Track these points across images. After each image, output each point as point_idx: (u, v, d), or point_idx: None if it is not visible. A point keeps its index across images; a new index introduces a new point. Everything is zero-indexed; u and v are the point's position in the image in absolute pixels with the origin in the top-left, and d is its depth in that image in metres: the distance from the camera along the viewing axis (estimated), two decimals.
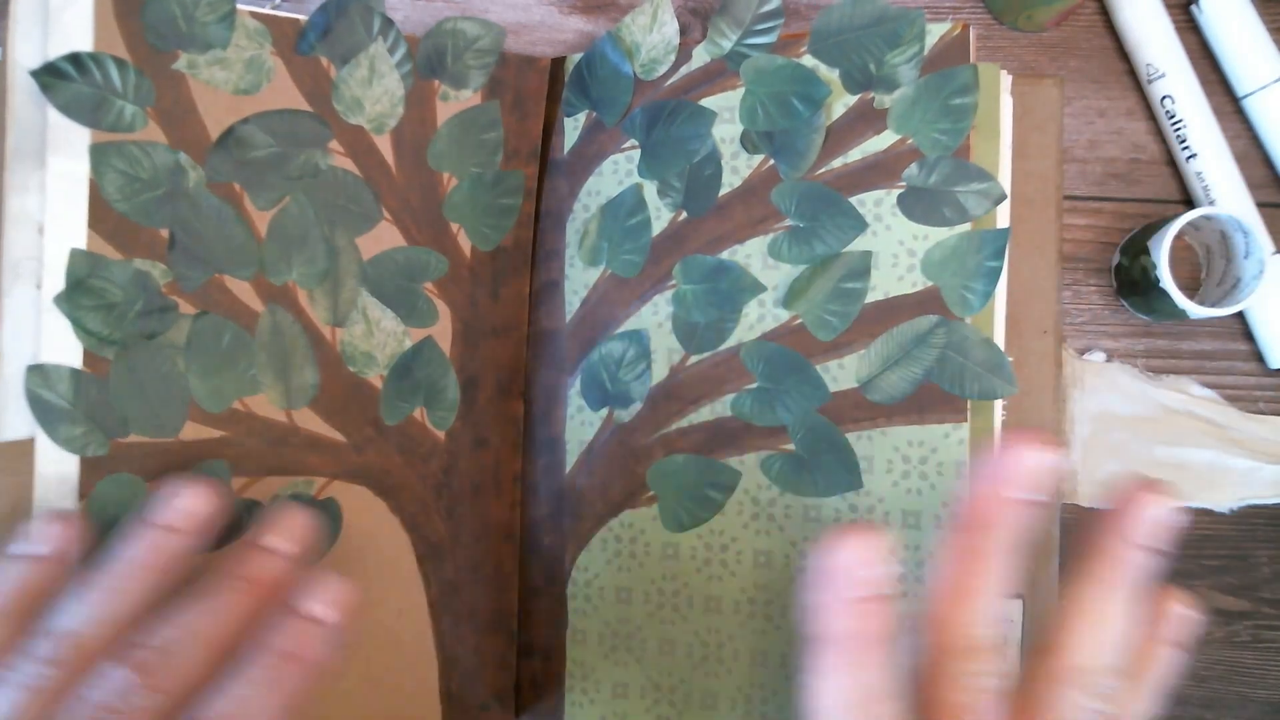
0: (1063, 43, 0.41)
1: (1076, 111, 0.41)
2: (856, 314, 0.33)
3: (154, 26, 0.31)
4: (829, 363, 0.33)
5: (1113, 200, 0.41)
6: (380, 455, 0.34)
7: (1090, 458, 0.40)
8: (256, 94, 0.33)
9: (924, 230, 0.33)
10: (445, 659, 0.35)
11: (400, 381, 0.35)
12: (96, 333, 0.30)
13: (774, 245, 0.34)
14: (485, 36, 0.36)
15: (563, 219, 0.38)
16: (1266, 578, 0.40)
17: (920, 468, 0.32)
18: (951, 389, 0.32)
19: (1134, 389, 0.40)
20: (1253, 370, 0.40)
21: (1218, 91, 0.40)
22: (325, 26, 0.34)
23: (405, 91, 0.35)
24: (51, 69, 0.29)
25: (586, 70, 0.37)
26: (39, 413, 0.29)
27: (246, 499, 0.32)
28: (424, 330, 0.35)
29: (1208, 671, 0.40)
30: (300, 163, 0.33)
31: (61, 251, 0.30)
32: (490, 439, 0.37)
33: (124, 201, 0.30)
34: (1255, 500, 0.39)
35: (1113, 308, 0.41)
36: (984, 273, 0.32)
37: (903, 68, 0.33)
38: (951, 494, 0.32)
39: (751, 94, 0.35)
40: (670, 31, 0.36)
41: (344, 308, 0.34)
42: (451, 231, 0.36)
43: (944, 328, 0.32)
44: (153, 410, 0.31)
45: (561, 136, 0.38)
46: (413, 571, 0.35)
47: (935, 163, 0.33)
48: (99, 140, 0.30)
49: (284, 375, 0.33)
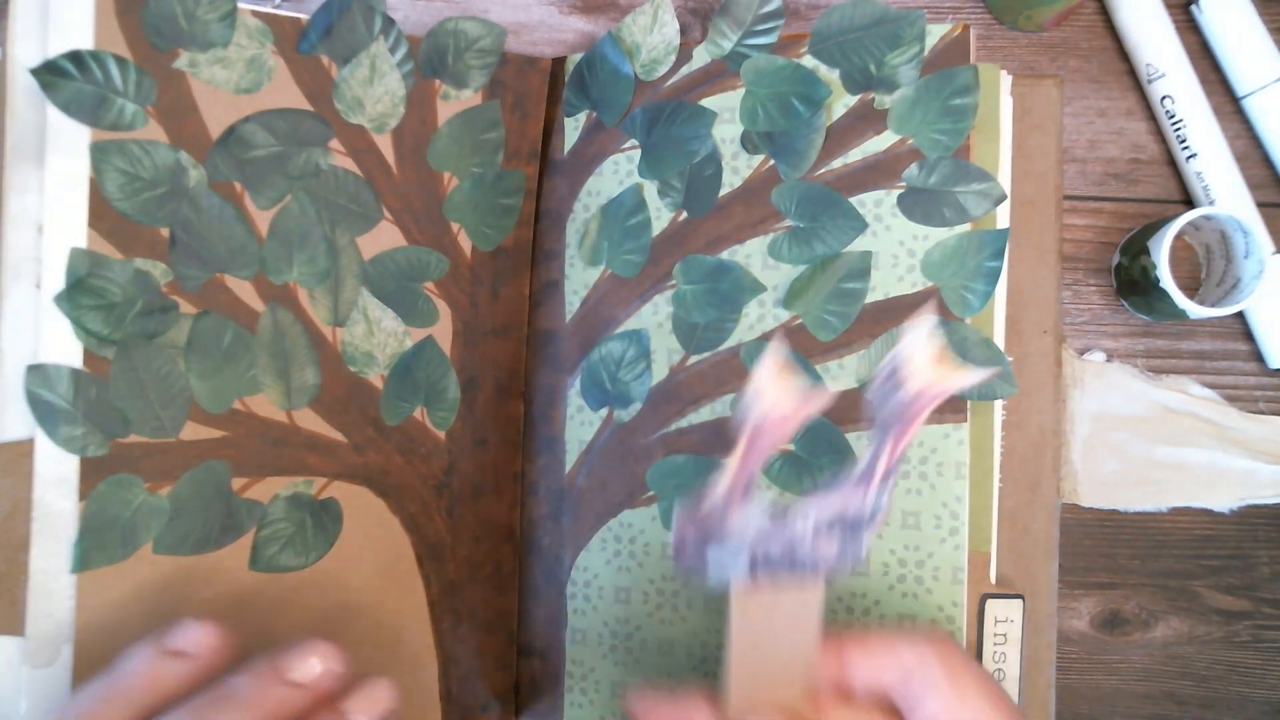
0: (1063, 43, 0.41)
1: (1076, 111, 0.41)
2: (856, 314, 0.33)
3: (155, 25, 0.31)
4: (829, 363, 0.33)
5: (1113, 200, 0.41)
6: (380, 455, 0.34)
7: (1090, 458, 0.40)
8: (257, 93, 0.33)
9: (924, 230, 0.33)
10: (445, 659, 0.35)
11: (401, 381, 0.35)
12: (96, 332, 0.30)
13: (774, 245, 0.34)
14: (486, 36, 0.36)
15: (563, 219, 0.38)
16: (1266, 578, 0.40)
17: (920, 468, 0.32)
18: None
19: (1134, 389, 0.40)
20: (1253, 370, 0.40)
21: (1218, 91, 0.40)
22: (326, 26, 0.34)
23: (406, 91, 0.35)
24: (52, 67, 0.29)
25: (587, 70, 0.37)
26: (39, 413, 0.29)
27: (247, 499, 0.32)
28: (424, 330, 0.35)
29: (1208, 671, 0.40)
30: (301, 162, 0.33)
31: (61, 251, 0.30)
32: (490, 439, 0.37)
33: (124, 200, 0.30)
34: (1255, 500, 0.39)
35: (1113, 308, 0.41)
36: (984, 273, 0.32)
37: (903, 68, 0.33)
38: (951, 494, 0.32)
39: (752, 94, 0.35)
40: (670, 32, 0.36)
41: (344, 307, 0.34)
42: (452, 231, 0.36)
43: (944, 328, 0.32)
44: (153, 410, 0.31)
45: (562, 136, 0.38)
46: (413, 571, 0.35)
47: (935, 163, 0.33)
48: (99, 139, 0.30)
49: (284, 375, 0.33)
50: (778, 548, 0.25)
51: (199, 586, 0.31)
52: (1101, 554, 0.40)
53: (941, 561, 0.32)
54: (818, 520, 0.25)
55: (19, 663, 0.29)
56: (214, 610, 0.31)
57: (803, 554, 0.25)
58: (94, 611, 0.30)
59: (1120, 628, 0.40)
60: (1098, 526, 0.40)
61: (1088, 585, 0.40)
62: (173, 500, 0.31)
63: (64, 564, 0.29)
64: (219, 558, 0.31)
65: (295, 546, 0.33)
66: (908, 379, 0.24)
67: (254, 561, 0.32)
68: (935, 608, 0.32)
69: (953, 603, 0.32)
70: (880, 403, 0.25)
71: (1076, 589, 0.40)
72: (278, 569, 0.32)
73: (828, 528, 0.25)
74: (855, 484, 0.25)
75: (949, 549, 0.32)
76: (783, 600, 0.25)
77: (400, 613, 0.35)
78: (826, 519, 0.25)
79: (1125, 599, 0.40)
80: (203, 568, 0.31)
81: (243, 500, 0.32)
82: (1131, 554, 0.40)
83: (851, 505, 0.25)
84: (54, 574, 0.29)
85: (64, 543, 0.29)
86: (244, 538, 0.32)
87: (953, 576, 0.32)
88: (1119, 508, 0.40)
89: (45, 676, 0.29)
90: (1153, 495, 0.40)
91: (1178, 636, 0.40)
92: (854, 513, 0.25)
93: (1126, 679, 0.40)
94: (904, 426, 0.25)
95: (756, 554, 0.25)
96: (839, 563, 0.25)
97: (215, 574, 0.31)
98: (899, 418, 0.25)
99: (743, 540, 0.25)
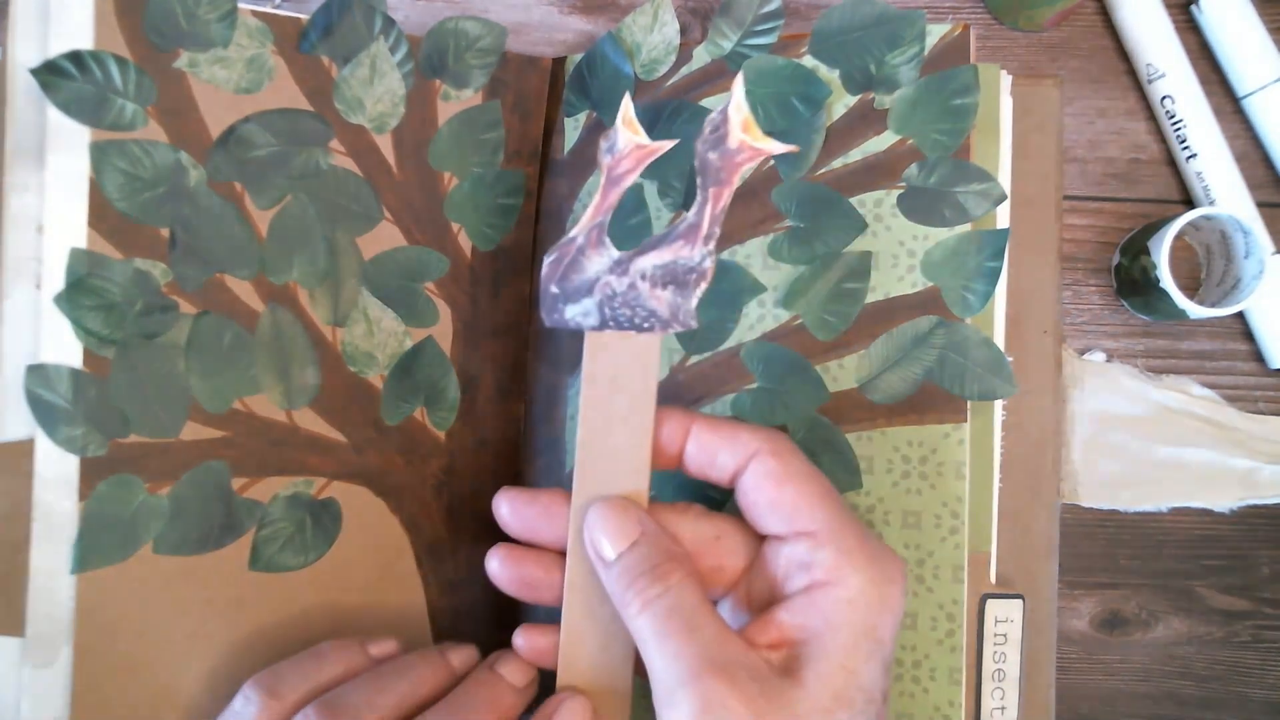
0: (1063, 43, 0.41)
1: (1076, 111, 0.41)
2: (856, 314, 0.33)
3: (155, 25, 0.31)
4: (829, 363, 0.33)
5: (1113, 200, 0.41)
6: (380, 455, 0.34)
7: (1090, 458, 0.40)
8: (258, 93, 0.33)
9: (924, 231, 0.33)
10: None
11: (401, 381, 0.35)
12: (96, 332, 0.30)
13: (774, 245, 0.34)
14: (487, 36, 0.36)
15: (563, 219, 0.38)
16: (1266, 578, 0.40)
17: (920, 468, 0.32)
18: (952, 389, 0.32)
19: (1134, 389, 0.40)
20: (1253, 370, 0.40)
21: (1218, 91, 0.40)
22: (327, 25, 0.34)
23: (406, 91, 0.35)
24: (52, 67, 0.29)
25: (587, 70, 0.37)
26: (39, 413, 0.29)
27: (247, 499, 0.32)
28: (425, 330, 0.35)
29: (1208, 671, 0.40)
30: (301, 162, 0.33)
31: (61, 251, 0.30)
32: (490, 439, 0.37)
33: (124, 200, 0.30)
34: (1255, 500, 0.39)
35: (1113, 308, 0.41)
36: (984, 273, 0.32)
37: (903, 68, 0.33)
38: (952, 494, 0.32)
39: (752, 94, 0.35)
40: (671, 32, 0.36)
41: (345, 307, 0.34)
42: (452, 231, 0.36)
43: (944, 328, 0.32)
44: (153, 410, 0.31)
45: (562, 136, 0.38)
46: (413, 571, 0.35)
47: (935, 163, 0.33)
48: (99, 139, 0.30)
49: (284, 375, 0.33)
50: (620, 300, 0.28)
51: (199, 586, 0.31)
52: (1101, 554, 0.40)
53: (942, 560, 0.32)
54: (652, 274, 0.28)
55: (19, 663, 0.29)
56: (214, 610, 0.31)
57: (640, 306, 0.28)
58: (94, 612, 0.30)
59: (1120, 628, 0.40)
60: (1098, 526, 0.40)
61: (1088, 585, 0.40)
62: (173, 500, 0.31)
63: (64, 564, 0.29)
64: (219, 558, 0.31)
65: (295, 546, 0.33)
66: (729, 135, 0.27)
67: (254, 561, 0.32)
68: (936, 606, 0.32)
69: (953, 600, 0.32)
70: (705, 154, 0.27)
71: (1076, 589, 0.40)
72: (278, 569, 0.32)
73: (662, 282, 0.28)
74: (684, 239, 0.28)
75: (949, 548, 0.32)
76: (625, 349, 0.28)
77: (400, 613, 0.35)
78: (660, 273, 0.28)
79: (1125, 599, 0.40)
80: (203, 568, 0.31)
81: (243, 500, 0.32)
82: (1131, 554, 0.40)
83: (681, 259, 0.28)
84: (54, 574, 0.29)
85: (64, 543, 0.29)
86: (244, 537, 0.32)
87: (953, 575, 0.32)
88: (1119, 508, 0.40)
89: (45, 676, 0.29)
90: (1153, 495, 0.40)
91: (1178, 636, 0.40)
92: (683, 267, 0.28)
93: (1126, 679, 0.40)
94: (722, 182, 0.27)
95: (604, 306, 0.28)
96: (670, 314, 0.28)
97: (215, 574, 0.31)
98: (720, 171, 0.27)
99: (593, 291, 0.28)
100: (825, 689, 0.25)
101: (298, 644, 0.33)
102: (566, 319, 0.28)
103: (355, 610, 0.34)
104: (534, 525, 0.29)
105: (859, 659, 0.25)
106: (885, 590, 0.26)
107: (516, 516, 0.29)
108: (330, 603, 0.33)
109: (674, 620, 0.25)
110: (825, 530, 0.27)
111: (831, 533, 0.27)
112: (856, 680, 0.25)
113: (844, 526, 0.27)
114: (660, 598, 0.26)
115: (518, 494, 0.29)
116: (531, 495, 0.29)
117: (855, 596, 0.26)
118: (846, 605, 0.26)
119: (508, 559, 0.29)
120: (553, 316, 0.28)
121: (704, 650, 0.25)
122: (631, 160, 0.28)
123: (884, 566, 0.27)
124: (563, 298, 0.28)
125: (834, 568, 0.26)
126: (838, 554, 0.26)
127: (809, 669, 0.25)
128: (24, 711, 0.29)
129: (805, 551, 0.27)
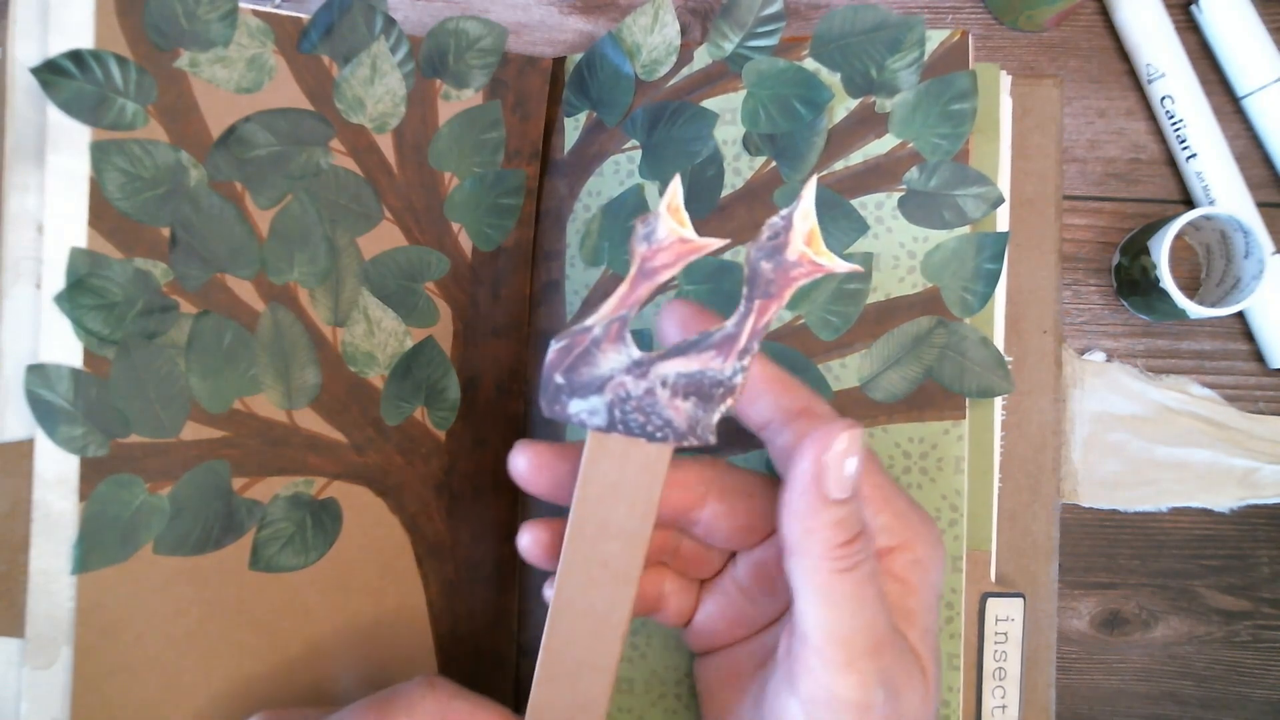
0: (1063, 43, 0.41)
1: (1076, 111, 0.41)
2: (858, 315, 0.33)
3: (155, 24, 0.31)
4: (831, 362, 0.34)
5: (1113, 200, 0.41)
6: (381, 455, 0.34)
7: (1090, 458, 0.40)
8: (258, 92, 0.33)
9: (924, 233, 0.33)
10: (445, 659, 0.35)
11: (401, 381, 0.35)
12: (97, 332, 0.30)
13: None
14: (487, 36, 0.36)
15: (563, 219, 0.38)
16: (1266, 578, 0.40)
17: (920, 463, 0.33)
18: (951, 387, 0.32)
19: (1134, 389, 0.40)
20: (1253, 370, 0.40)
21: (1218, 91, 0.40)
22: (327, 25, 0.34)
23: (407, 91, 0.35)
24: (52, 66, 0.29)
25: (587, 70, 0.37)
26: (39, 413, 0.29)
27: (247, 499, 0.32)
28: (425, 330, 0.35)
29: (1208, 671, 0.40)
30: (302, 162, 0.33)
31: (62, 250, 0.29)
32: (490, 439, 0.37)
33: (125, 200, 0.30)
34: (1255, 500, 0.39)
35: (1113, 308, 0.41)
36: (983, 275, 0.32)
37: (903, 73, 0.33)
38: (951, 488, 0.32)
39: (753, 96, 0.35)
40: (671, 32, 0.36)
41: (345, 307, 0.34)
42: (452, 231, 0.36)
43: (944, 328, 0.32)
44: (153, 410, 0.31)
45: (562, 137, 0.38)
46: (413, 571, 0.35)
47: (935, 166, 0.33)
48: (100, 138, 0.30)
49: (285, 375, 0.33)
50: (634, 404, 0.25)
51: (199, 587, 0.31)
52: (1101, 554, 0.40)
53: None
54: (675, 382, 0.25)
55: (19, 664, 0.29)
56: (214, 610, 0.31)
57: (656, 414, 0.25)
58: (94, 612, 0.30)
59: (1120, 628, 0.40)
60: (1098, 526, 0.40)
61: (1088, 585, 0.40)
62: (173, 500, 0.31)
63: (64, 564, 0.29)
64: (219, 558, 0.31)
65: (295, 546, 0.33)
66: (790, 244, 0.24)
67: (254, 561, 0.32)
68: None
69: (952, 589, 0.32)
70: (757, 261, 0.24)
71: (1076, 589, 0.40)
72: (278, 569, 0.32)
73: (684, 392, 0.25)
74: (716, 349, 0.25)
75: (949, 540, 0.32)
76: (632, 456, 0.25)
77: (400, 613, 0.35)
78: (684, 382, 0.25)
79: (1125, 599, 0.40)
80: (203, 568, 0.31)
81: (243, 500, 0.32)
82: (1131, 554, 0.40)
83: (709, 371, 0.25)
84: (54, 575, 0.29)
85: (64, 543, 0.29)
86: (244, 538, 0.32)
87: (952, 565, 0.32)
88: (1119, 508, 0.40)
89: (45, 678, 0.29)
90: (1153, 495, 0.40)
91: (1178, 636, 0.40)
92: (710, 380, 0.25)
93: (1126, 679, 0.40)
94: (772, 296, 0.24)
95: (614, 408, 0.25)
96: (688, 427, 0.25)
97: (215, 574, 0.31)
98: (772, 283, 0.24)
99: (604, 389, 0.25)
100: (927, 653, 0.25)
101: (298, 644, 0.33)
102: (570, 413, 0.25)
103: (355, 610, 0.34)
104: (557, 472, 0.27)
105: (935, 619, 0.26)
106: (939, 551, 0.26)
107: (536, 462, 0.27)
108: (330, 603, 0.33)
109: (870, 588, 0.24)
110: (878, 495, 0.26)
111: (885, 499, 0.26)
112: (936, 640, 0.26)
113: (891, 489, 0.26)
114: (867, 561, 0.24)
115: (537, 446, 0.27)
116: (555, 446, 0.27)
117: (922, 558, 0.26)
118: (918, 567, 0.26)
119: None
120: (553, 408, 0.25)
121: (888, 623, 0.24)
122: (671, 254, 0.24)
123: (932, 527, 0.27)
124: (568, 390, 0.25)
125: (897, 531, 0.26)
126: (894, 518, 0.26)
127: (910, 635, 0.25)
128: (24, 712, 0.29)
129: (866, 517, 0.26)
